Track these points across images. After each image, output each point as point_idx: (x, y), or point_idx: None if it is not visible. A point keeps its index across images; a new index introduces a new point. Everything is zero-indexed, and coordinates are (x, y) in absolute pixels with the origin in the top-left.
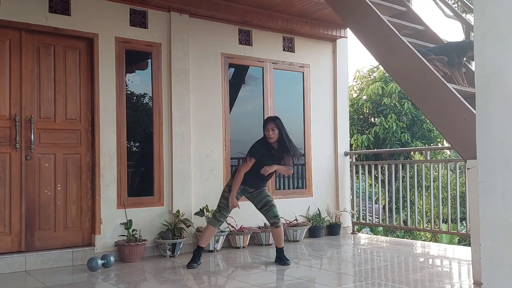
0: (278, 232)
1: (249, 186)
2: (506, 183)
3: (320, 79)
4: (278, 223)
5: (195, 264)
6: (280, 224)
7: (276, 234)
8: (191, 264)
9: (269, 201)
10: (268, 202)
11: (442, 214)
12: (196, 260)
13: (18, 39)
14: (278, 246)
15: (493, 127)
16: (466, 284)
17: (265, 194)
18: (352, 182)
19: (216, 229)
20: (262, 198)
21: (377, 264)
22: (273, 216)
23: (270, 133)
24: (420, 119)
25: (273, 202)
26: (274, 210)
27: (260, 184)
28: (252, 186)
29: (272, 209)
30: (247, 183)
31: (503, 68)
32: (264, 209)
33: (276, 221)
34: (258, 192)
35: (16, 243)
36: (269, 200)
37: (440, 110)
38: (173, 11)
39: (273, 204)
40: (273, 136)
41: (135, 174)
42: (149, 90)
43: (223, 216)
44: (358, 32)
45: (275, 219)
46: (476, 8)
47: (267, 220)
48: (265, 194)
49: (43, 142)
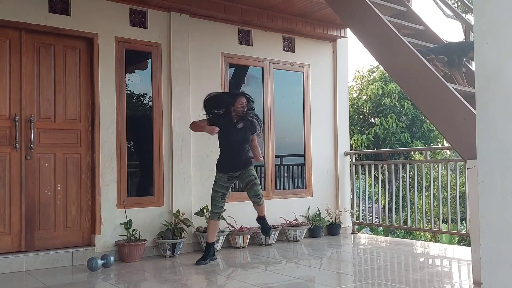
0: (260, 208)
1: (231, 171)
2: (506, 183)
3: (320, 79)
4: (259, 202)
5: (204, 261)
6: (261, 203)
7: (258, 209)
8: (200, 261)
9: (251, 180)
10: (250, 181)
11: (442, 214)
12: (205, 258)
13: (18, 39)
14: (260, 215)
15: (493, 127)
16: (466, 284)
17: (249, 173)
18: (352, 182)
19: (216, 221)
20: (246, 177)
21: (377, 264)
22: (254, 195)
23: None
24: (420, 119)
25: (255, 181)
26: (255, 188)
27: (239, 163)
28: (234, 169)
29: (253, 188)
30: (228, 169)
31: (503, 68)
32: (247, 188)
33: (257, 200)
34: (242, 173)
35: (16, 243)
36: (252, 180)
37: (440, 110)
38: (173, 11)
39: (255, 183)
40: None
41: (135, 174)
42: (149, 90)
43: (217, 207)
44: (358, 32)
45: (255, 198)
46: (476, 8)
47: (249, 198)
48: (249, 173)
49: (43, 142)
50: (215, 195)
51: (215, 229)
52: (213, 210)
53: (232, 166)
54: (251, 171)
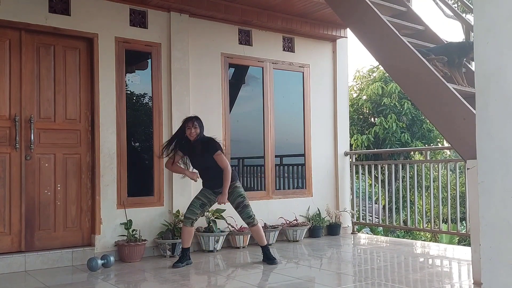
0: (256, 231)
1: (215, 188)
2: (506, 183)
3: (320, 79)
4: (253, 223)
5: (180, 264)
6: (256, 223)
7: (255, 233)
8: (176, 264)
9: (241, 201)
10: (240, 203)
11: (442, 214)
12: (182, 260)
13: (18, 39)
14: (261, 245)
15: (493, 127)
16: (466, 284)
17: (238, 194)
18: (352, 182)
19: (189, 228)
20: (235, 198)
21: (377, 264)
22: (247, 217)
23: (192, 131)
24: (420, 119)
25: (245, 202)
26: (246, 211)
27: (214, 183)
28: (217, 186)
29: (245, 210)
30: (211, 186)
31: (503, 68)
32: (238, 210)
33: (250, 221)
34: (229, 193)
35: (16, 243)
36: (241, 201)
37: (440, 110)
38: (173, 11)
39: (246, 204)
40: (194, 134)
41: (135, 174)
42: (149, 90)
43: (192, 213)
44: (358, 32)
45: (249, 219)
46: (476, 8)
47: (243, 220)
48: (238, 194)
49: (43, 142)
50: (194, 201)
51: (190, 235)
52: (187, 215)
53: (215, 184)
54: (238, 189)
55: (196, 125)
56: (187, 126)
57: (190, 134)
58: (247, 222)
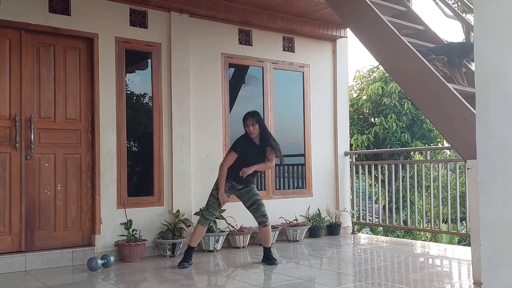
0: (266, 232)
1: (236, 182)
2: (506, 183)
3: (320, 79)
4: (266, 222)
5: (187, 263)
6: (268, 224)
7: (264, 233)
8: (182, 264)
9: (257, 199)
10: (256, 201)
11: (442, 214)
12: (187, 260)
13: (18, 39)
14: (266, 246)
15: (493, 127)
16: (466, 284)
17: (254, 193)
18: (352, 182)
19: (205, 228)
20: (250, 196)
21: (377, 264)
22: (261, 215)
23: (250, 129)
24: (420, 119)
25: (261, 201)
26: (262, 209)
27: (247, 180)
28: (239, 183)
29: (261, 208)
30: (234, 180)
31: (503, 68)
32: (252, 208)
33: (264, 220)
34: (246, 191)
35: (16, 243)
36: (257, 199)
37: (440, 110)
38: (173, 11)
39: (262, 203)
40: (254, 132)
41: (135, 174)
42: (149, 90)
43: (211, 214)
44: (358, 32)
45: (263, 218)
46: (476, 8)
47: (255, 219)
48: (254, 193)
49: (43, 142)
50: (213, 201)
51: (202, 235)
52: (207, 216)
53: (240, 179)
54: (254, 189)
55: (254, 122)
56: (246, 124)
57: (250, 132)
58: (260, 221)
